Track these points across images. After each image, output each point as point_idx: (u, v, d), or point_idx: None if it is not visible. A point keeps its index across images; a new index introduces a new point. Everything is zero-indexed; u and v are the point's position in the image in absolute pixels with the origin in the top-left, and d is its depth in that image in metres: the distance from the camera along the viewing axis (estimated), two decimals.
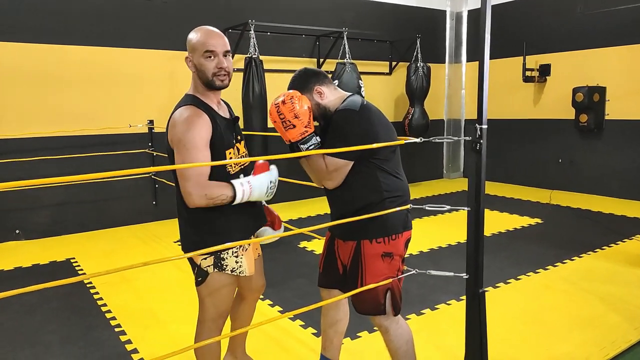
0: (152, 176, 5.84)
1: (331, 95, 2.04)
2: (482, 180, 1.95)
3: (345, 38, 6.65)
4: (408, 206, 2.05)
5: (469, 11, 8.37)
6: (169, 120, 1.93)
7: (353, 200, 2.00)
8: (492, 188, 7.52)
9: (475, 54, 8.37)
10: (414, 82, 7.35)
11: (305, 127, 1.91)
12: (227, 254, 1.93)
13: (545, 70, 7.23)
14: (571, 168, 7.16)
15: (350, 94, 2.07)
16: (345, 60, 6.56)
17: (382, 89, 7.69)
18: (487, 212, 6.06)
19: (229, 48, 1.90)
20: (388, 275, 1.97)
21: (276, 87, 6.23)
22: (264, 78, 5.80)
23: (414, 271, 2.10)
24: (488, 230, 5.00)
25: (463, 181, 8.39)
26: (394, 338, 2.02)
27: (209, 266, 1.94)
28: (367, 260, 1.96)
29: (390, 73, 7.78)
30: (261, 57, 5.87)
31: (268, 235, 2.22)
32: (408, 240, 2.09)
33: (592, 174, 6.94)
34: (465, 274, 2.02)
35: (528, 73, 7.21)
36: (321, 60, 6.92)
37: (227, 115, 2.03)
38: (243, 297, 2.25)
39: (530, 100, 7.52)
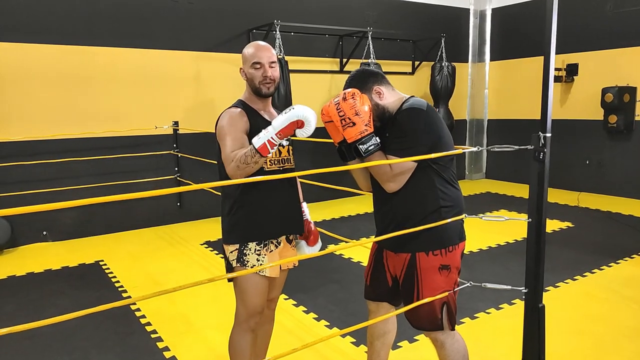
0: (177, 177, 5.83)
1: (390, 97, 1.97)
2: (545, 190, 1.88)
3: (369, 38, 6.58)
4: (463, 216, 1.98)
5: (493, 9, 8.23)
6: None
7: (407, 209, 1.92)
8: (518, 189, 7.41)
9: (499, 53, 8.24)
10: (439, 82, 7.25)
11: (366, 125, 1.84)
12: (250, 250, 2.01)
13: (572, 69, 7.09)
14: (599, 170, 7.01)
15: (410, 95, 2.01)
16: (369, 60, 6.48)
17: (405, 88, 7.51)
18: (515, 214, 5.99)
19: (274, 59, 2.06)
20: (445, 289, 1.90)
21: (300, 87, 6.20)
22: (289, 79, 5.75)
23: (468, 284, 2.03)
24: (518, 234, 4.90)
25: (486, 182, 8.28)
26: (450, 353, 1.95)
27: (233, 260, 2.03)
28: (423, 273, 1.89)
29: (412, 73, 7.68)
30: (285, 58, 5.82)
31: (302, 249, 2.21)
32: (463, 251, 2.02)
33: (621, 176, 6.79)
34: (524, 288, 1.95)
35: (555, 72, 7.06)
36: (344, 60, 6.85)
37: (273, 119, 2.06)
38: None
39: (557, 100, 7.37)
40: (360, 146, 1.83)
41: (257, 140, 1.77)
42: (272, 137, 1.75)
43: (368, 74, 1.98)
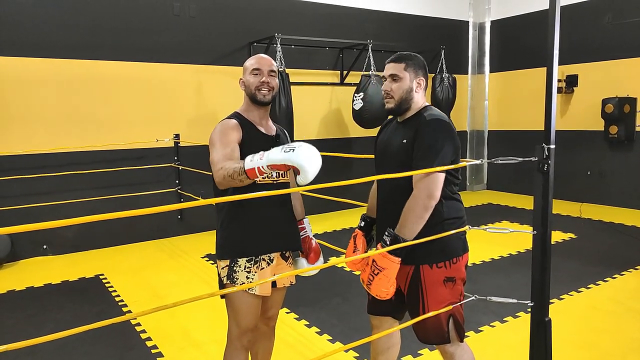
0: (178, 190, 5.81)
1: (420, 97, 1.98)
2: (550, 203, 1.86)
3: (370, 50, 6.61)
4: (467, 227, 1.96)
5: (492, 21, 8.28)
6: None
7: None
8: (520, 200, 7.38)
9: (498, 65, 8.27)
10: (439, 94, 7.27)
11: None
12: (240, 267, 1.95)
13: (572, 80, 7.11)
14: (601, 180, 6.99)
15: (427, 104, 2.01)
16: (370, 73, 6.50)
17: None
18: (517, 226, 5.96)
19: (274, 69, 2.04)
20: (450, 301, 1.87)
21: (301, 99, 6.21)
22: (290, 91, 5.76)
23: (473, 297, 2.01)
24: (521, 246, 4.87)
25: (487, 193, 8.26)
26: None
27: (224, 277, 1.98)
28: (428, 287, 1.87)
29: None
30: (286, 71, 5.84)
31: (302, 266, 2.13)
32: (467, 262, 1.99)
33: (622, 187, 6.77)
34: (530, 302, 1.92)
35: None
36: (345, 72, 6.87)
37: (269, 133, 2.07)
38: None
39: (557, 111, 7.37)
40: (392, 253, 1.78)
41: (249, 163, 1.66)
42: (262, 166, 1.63)
43: (423, 64, 1.98)
